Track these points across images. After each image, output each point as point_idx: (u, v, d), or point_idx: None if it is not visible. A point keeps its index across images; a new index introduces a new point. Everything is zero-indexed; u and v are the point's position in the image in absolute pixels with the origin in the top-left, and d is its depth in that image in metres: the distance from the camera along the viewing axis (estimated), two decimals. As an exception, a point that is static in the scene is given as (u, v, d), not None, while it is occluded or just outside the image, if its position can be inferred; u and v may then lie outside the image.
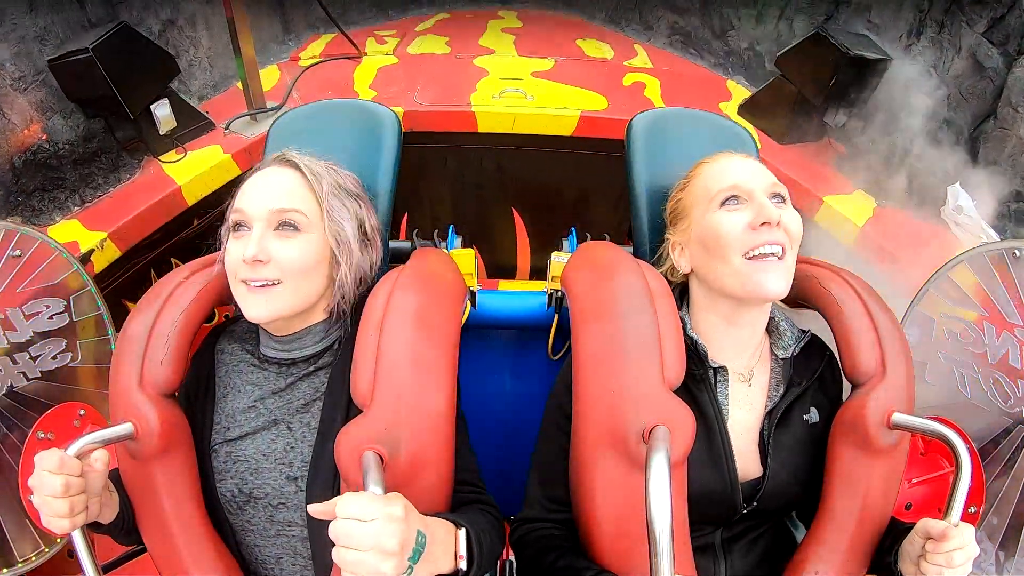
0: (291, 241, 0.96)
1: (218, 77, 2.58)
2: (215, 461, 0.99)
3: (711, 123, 1.28)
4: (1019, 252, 1.20)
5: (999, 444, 1.18)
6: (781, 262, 0.94)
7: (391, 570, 0.69)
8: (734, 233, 0.95)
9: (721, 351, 1.02)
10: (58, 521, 0.81)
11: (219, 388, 1.04)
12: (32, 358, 1.24)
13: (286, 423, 0.99)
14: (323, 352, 1.03)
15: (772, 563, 1.04)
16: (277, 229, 0.96)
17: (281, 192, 0.97)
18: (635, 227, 1.24)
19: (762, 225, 0.93)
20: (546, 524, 1.02)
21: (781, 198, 0.99)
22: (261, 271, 0.94)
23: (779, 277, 0.93)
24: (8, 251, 1.22)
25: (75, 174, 1.99)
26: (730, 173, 1.00)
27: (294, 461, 0.97)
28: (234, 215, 0.98)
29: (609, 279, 0.99)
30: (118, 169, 2.08)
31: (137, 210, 1.95)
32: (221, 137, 2.25)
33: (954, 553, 0.80)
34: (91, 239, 1.83)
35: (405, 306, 0.93)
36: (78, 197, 1.98)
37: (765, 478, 0.98)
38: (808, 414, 1.02)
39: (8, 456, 1.21)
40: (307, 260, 0.96)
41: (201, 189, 2.10)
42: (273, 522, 0.97)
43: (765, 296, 0.95)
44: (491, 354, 1.67)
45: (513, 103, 2.41)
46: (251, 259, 0.92)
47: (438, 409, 0.89)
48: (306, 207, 0.98)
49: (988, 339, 1.20)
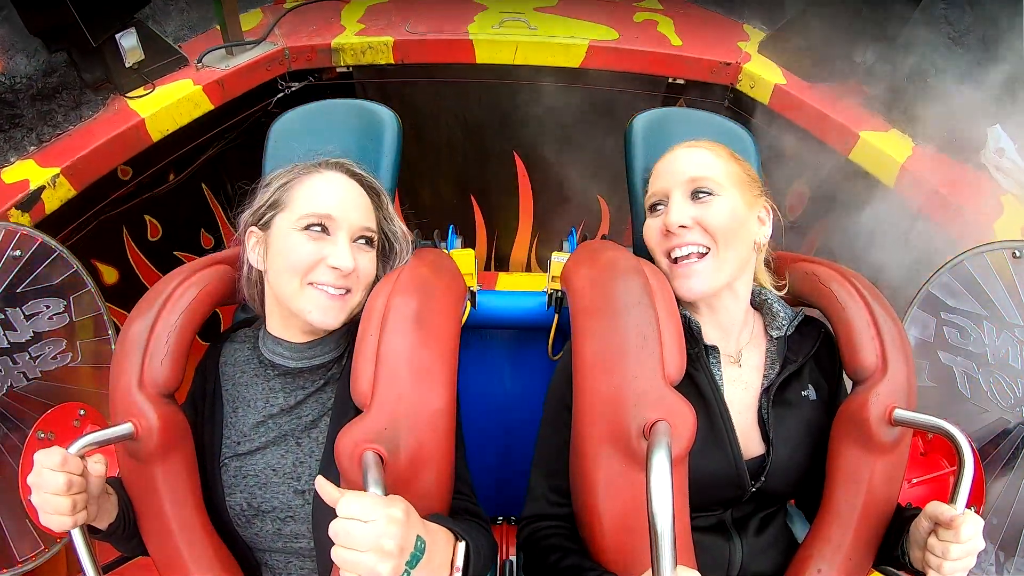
0: (369, 255, 1.02)
1: (195, 19, 2.37)
2: (224, 475, 0.99)
3: (711, 123, 1.28)
4: (1019, 252, 1.20)
5: (999, 444, 1.18)
6: (704, 260, 0.98)
7: (388, 572, 0.69)
8: (654, 239, 1.04)
9: (709, 333, 1.04)
10: (58, 519, 0.81)
11: (228, 402, 1.04)
12: (32, 358, 1.24)
13: (295, 439, 1.00)
14: (332, 363, 1.04)
15: (781, 550, 1.05)
16: (356, 241, 1.00)
17: (362, 207, 1.02)
18: (634, 225, 1.24)
19: (669, 232, 0.99)
20: (552, 522, 1.02)
21: (705, 192, 1.00)
22: (345, 280, 0.97)
23: (701, 278, 0.98)
24: (8, 251, 1.22)
25: (33, 111, 1.80)
26: (661, 176, 1.06)
27: (302, 475, 0.97)
28: (309, 216, 0.97)
29: (609, 276, 1.00)
30: (80, 106, 1.88)
31: (94, 144, 1.75)
32: (193, 72, 2.05)
33: (951, 546, 0.80)
34: (43, 176, 1.65)
35: (405, 306, 0.93)
36: (35, 136, 1.78)
37: (769, 455, 0.99)
38: (806, 391, 1.03)
39: (8, 456, 1.21)
40: (372, 274, 1.03)
41: (168, 123, 1.91)
42: (280, 535, 0.98)
43: (688, 297, 1.00)
44: (491, 354, 1.67)
45: (514, 31, 2.23)
46: (346, 270, 0.96)
47: (438, 409, 0.89)
48: (375, 227, 1.05)
49: (988, 339, 1.20)
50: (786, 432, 1.00)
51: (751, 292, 1.07)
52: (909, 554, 0.90)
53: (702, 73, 2.22)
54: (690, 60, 2.20)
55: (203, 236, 2.40)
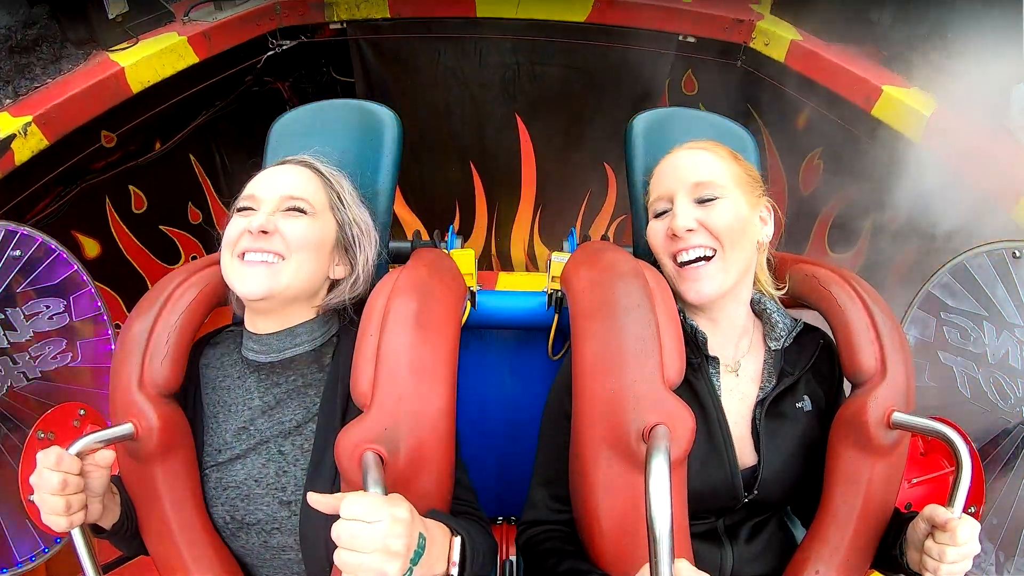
0: (298, 220, 0.98)
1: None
2: (206, 487, 0.98)
3: (711, 123, 1.28)
4: (1019, 252, 1.20)
5: (999, 444, 1.18)
6: (711, 263, 0.98)
7: (396, 571, 0.69)
8: (659, 242, 1.03)
9: (712, 343, 1.04)
10: (56, 519, 0.81)
11: (208, 407, 1.02)
12: (32, 358, 1.24)
13: (277, 446, 0.98)
14: (306, 355, 1.02)
15: (776, 554, 1.05)
16: (285, 211, 0.98)
17: (294, 182, 1.00)
18: (635, 226, 1.24)
19: (675, 236, 0.98)
20: (551, 526, 1.02)
21: (709, 196, 1.00)
22: (265, 242, 0.95)
23: (709, 281, 0.98)
24: (8, 251, 1.22)
25: (10, 63, 1.74)
26: (663, 179, 1.06)
27: (287, 486, 0.95)
28: (242, 200, 0.99)
29: (609, 278, 1.00)
30: (60, 60, 1.80)
31: (69, 92, 1.65)
32: (180, 27, 1.96)
33: (947, 549, 0.80)
34: (15, 125, 1.57)
35: (405, 307, 0.93)
36: (11, 89, 1.71)
37: (760, 466, 0.99)
38: (801, 402, 1.03)
39: (8, 456, 1.21)
40: (312, 238, 0.98)
41: (149, 74, 1.80)
42: (267, 547, 0.97)
43: (697, 301, 0.99)
44: (491, 354, 1.67)
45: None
46: (257, 229, 0.94)
47: (438, 409, 0.89)
48: (316, 199, 1.00)
49: (988, 339, 1.20)
50: (778, 444, 1.00)
51: (751, 299, 1.07)
52: (907, 556, 0.90)
53: (714, 31, 2.15)
54: (702, 16, 2.13)
55: (191, 210, 2.29)
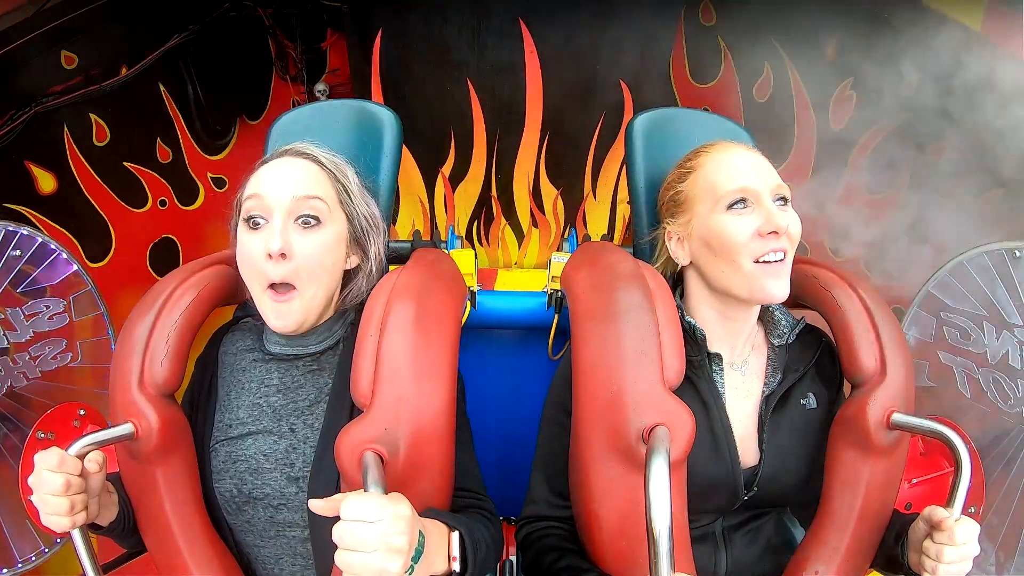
0: (313, 236, 0.96)
1: None
2: (214, 460, 0.99)
3: (711, 123, 1.28)
4: (1019, 252, 1.20)
5: (999, 444, 1.18)
6: (782, 265, 0.96)
7: (398, 568, 0.69)
8: (742, 239, 0.96)
9: (714, 341, 1.03)
10: (57, 519, 0.81)
11: (222, 387, 1.03)
12: (32, 358, 1.24)
13: (289, 424, 0.99)
14: (327, 350, 1.03)
15: (774, 557, 1.04)
16: (298, 220, 0.96)
17: (301, 179, 0.98)
18: (635, 226, 1.24)
19: (770, 233, 0.95)
20: (551, 523, 1.02)
21: (784, 200, 0.99)
22: (287, 270, 0.94)
23: (784, 282, 0.96)
24: (8, 251, 1.22)
25: None
26: (737, 173, 0.99)
27: (296, 462, 0.96)
28: (249, 201, 0.96)
29: (609, 279, 1.00)
30: None
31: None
32: None
33: (945, 549, 0.80)
34: None
35: (405, 307, 0.93)
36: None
37: (762, 462, 0.99)
38: (806, 399, 1.03)
39: (8, 456, 1.22)
40: (328, 255, 0.98)
41: None
42: (273, 523, 0.97)
43: (771, 300, 0.97)
44: (491, 354, 1.67)
45: None
46: (277, 253, 0.92)
47: (438, 409, 0.89)
48: (327, 196, 0.99)
49: (988, 339, 1.20)
50: (781, 441, 1.00)
51: None
52: (907, 556, 0.90)
53: None
54: None
55: (159, 147, 2.03)
